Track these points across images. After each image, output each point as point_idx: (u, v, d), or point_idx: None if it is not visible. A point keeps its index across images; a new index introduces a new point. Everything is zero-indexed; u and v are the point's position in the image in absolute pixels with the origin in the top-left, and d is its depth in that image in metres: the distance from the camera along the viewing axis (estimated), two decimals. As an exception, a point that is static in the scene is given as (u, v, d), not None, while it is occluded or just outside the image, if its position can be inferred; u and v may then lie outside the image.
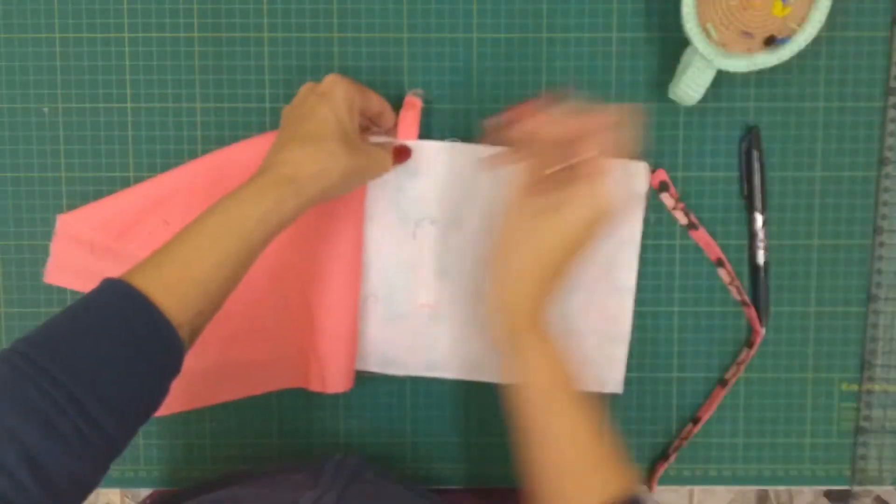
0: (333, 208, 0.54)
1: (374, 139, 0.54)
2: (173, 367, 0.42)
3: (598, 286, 0.56)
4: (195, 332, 0.43)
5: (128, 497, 1.32)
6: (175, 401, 0.56)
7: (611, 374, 0.57)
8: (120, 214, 0.55)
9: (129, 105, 0.57)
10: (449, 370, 0.57)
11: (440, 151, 0.55)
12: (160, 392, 0.42)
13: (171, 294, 0.41)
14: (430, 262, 0.56)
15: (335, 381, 0.55)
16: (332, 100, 0.48)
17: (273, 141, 0.49)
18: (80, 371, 0.38)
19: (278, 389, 0.58)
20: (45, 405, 0.36)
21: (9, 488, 0.34)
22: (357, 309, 0.55)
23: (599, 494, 0.43)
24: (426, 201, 0.55)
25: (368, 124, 0.54)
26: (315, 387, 0.55)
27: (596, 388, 0.57)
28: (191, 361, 0.44)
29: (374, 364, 0.57)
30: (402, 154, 0.54)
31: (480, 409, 0.58)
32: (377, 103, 0.52)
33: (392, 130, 0.55)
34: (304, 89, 0.50)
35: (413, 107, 0.55)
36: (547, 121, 0.45)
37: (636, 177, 0.55)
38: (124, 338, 0.39)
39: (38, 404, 0.36)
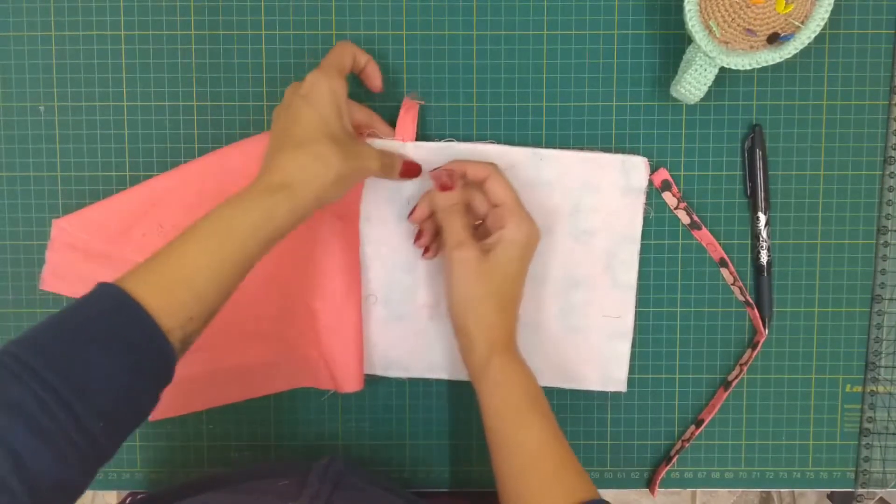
0: (329, 208, 0.53)
1: (378, 143, 0.54)
2: (164, 375, 0.42)
3: (599, 282, 0.56)
4: (188, 339, 0.43)
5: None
6: (172, 405, 0.55)
7: (614, 373, 0.56)
8: (114, 218, 0.55)
9: (125, 103, 0.56)
10: (448, 371, 0.57)
11: (438, 152, 0.54)
12: (150, 400, 0.42)
13: (162, 298, 0.41)
14: (429, 262, 0.55)
15: (347, 381, 0.54)
16: (315, 100, 0.47)
17: (266, 144, 0.49)
18: (69, 375, 0.37)
19: (282, 391, 0.57)
20: (34, 407, 0.36)
21: None
22: (360, 309, 0.54)
23: (563, 500, 0.45)
24: None
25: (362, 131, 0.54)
26: (327, 386, 0.55)
27: (599, 387, 0.56)
28: (189, 368, 0.44)
29: (378, 366, 0.56)
30: (410, 171, 0.53)
31: (479, 412, 0.58)
32: (363, 114, 0.53)
33: (389, 134, 0.54)
34: (290, 90, 0.50)
35: (411, 109, 0.54)
36: (444, 197, 0.51)
37: (634, 172, 0.55)
38: (115, 343, 0.39)
39: (27, 406, 0.36)
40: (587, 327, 0.56)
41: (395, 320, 0.56)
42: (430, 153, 0.54)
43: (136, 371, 0.40)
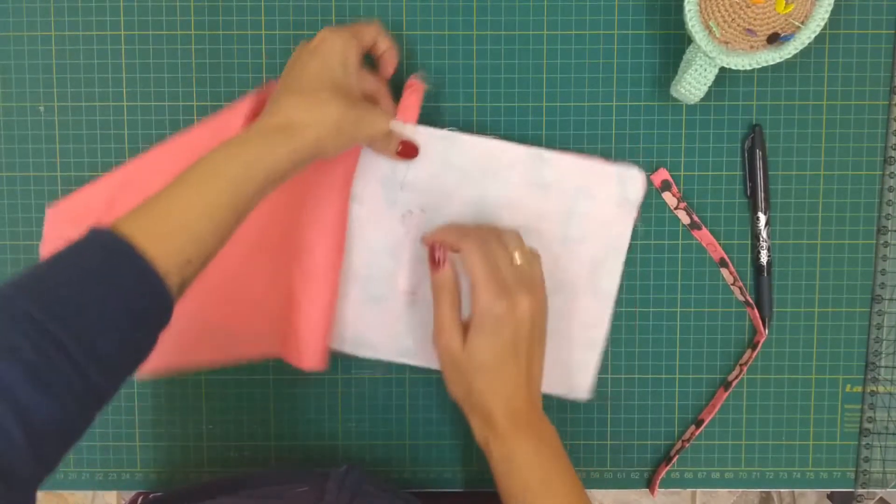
0: (321, 182, 0.53)
1: None
2: (161, 317, 0.41)
3: (580, 290, 0.55)
4: (185, 282, 0.42)
5: (124, 499, 1.32)
6: (150, 362, 0.55)
7: (580, 380, 0.56)
8: (102, 198, 0.54)
9: (125, 103, 0.56)
10: (420, 359, 0.56)
11: (438, 140, 0.54)
12: (147, 343, 0.41)
13: (157, 241, 0.40)
14: (415, 250, 0.55)
15: (309, 357, 0.53)
16: (323, 53, 0.47)
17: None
18: (67, 319, 0.36)
19: (257, 358, 0.56)
20: (32, 352, 0.35)
21: None
22: (337, 286, 0.53)
23: None
24: (417, 187, 0.55)
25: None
26: (291, 359, 0.54)
27: (562, 393, 0.56)
28: (176, 320, 0.43)
29: (348, 345, 0.56)
30: (408, 150, 0.53)
31: (480, 411, 0.58)
32: (373, 85, 0.52)
33: (392, 112, 0.53)
34: (300, 47, 0.49)
35: (416, 90, 0.53)
36: (435, 276, 0.50)
37: (631, 184, 0.54)
38: (112, 287, 0.38)
39: (25, 350, 0.35)
40: (560, 333, 0.55)
41: (373, 302, 0.55)
42: (430, 139, 0.54)
43: (133, 315, 0.39)
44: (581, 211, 0.55)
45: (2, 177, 0.57)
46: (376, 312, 0.56)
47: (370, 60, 0.54)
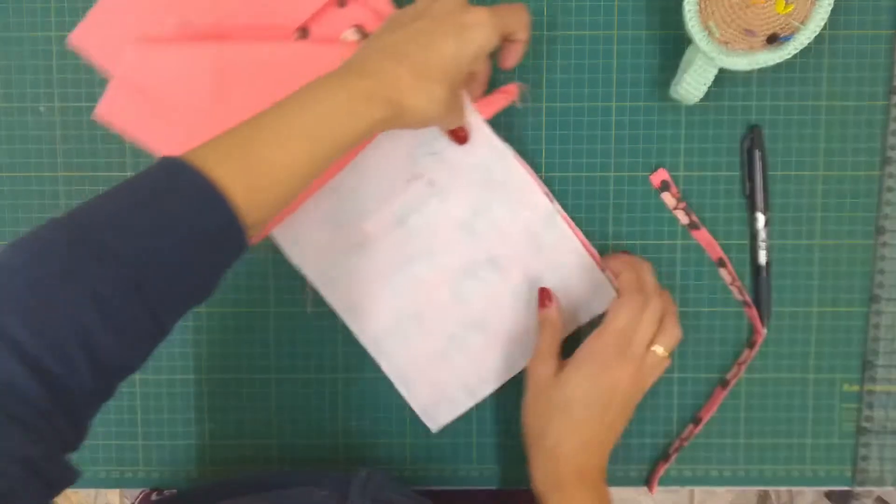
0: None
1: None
2: (230, 265, 0.41)
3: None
4: (255, 235, 0.42)
5: (126, 498, 1.33)
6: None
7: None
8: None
9: (125, 104, 0.56)
10: (330, 297, 0.56)
11: (491, 144, 0.54)
12: (213, 286, 0.41)
13: (250, 195, 0.39)
14: (400, 208, 0.55)
15: None
16: (465, 41, 0.43)
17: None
18: (147, 260, 0.36)
19: None
20: (109, 290, 0.35)
21: (65, 370, 0.34)
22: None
23: None
24: (443, 163, 0.54)
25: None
26: None
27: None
28: None
29: (286, 243, 0.55)
30: (460, 136, 0.52)
31: (480, 409, 0.58)
32: (484, 70, 0.51)
33: (477, 97, 0.53)
34: (443, 5, 0.45)
35: (507, 96, 0.54)
36: (542, 311, 0.53)
37: (598, 295, 0.55)
38: (198, 236, 0.38)
39: (101, 289, 0.35)
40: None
41: (332, 223, 0.55)
42: (484, 140, 0.53)
43: (213, 264, 0.39)
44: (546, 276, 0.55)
45: (2, 177, 0.57)
46: (327, 232, 0.55)
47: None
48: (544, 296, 0.53)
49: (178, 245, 0.37)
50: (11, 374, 0.33)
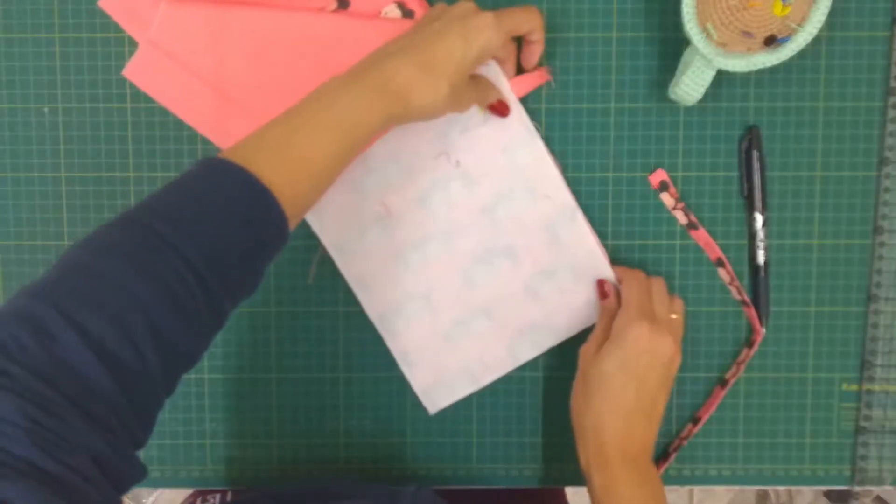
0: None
1: (493, 71, 0.53)
2: (275, 257, 0.44)
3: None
4: (294, 221, 0.44)
5: (127, 497, 1.33)
6: None
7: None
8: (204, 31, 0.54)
9: (128, 105, 0.57)
10: (339, 261, 0.56)
11: (521, 127, 0.54)
12: (261, 278, 0.43)
13: (290, 188, 0.42)
14: (424, 186, 0.55)
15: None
16: (471, 42, 0.47)
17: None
18: (208, 253, 0.38)
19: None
20: (176, 283, 0.37)
21: (132, 358, 0.36)
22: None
23: None
24: (472, 141, 0.55)
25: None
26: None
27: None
28: None
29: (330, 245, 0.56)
30: (501, 109, 0.53)
31: (480, 409, 0.58)
32: (508, 52, 0.53)
33: (510, 76, 0.54)
34: (462, 5, 0.48)
35: (540, 78, 0.55)
36: (601, 303, 0.55)
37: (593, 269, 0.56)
38: (251, 227, 0.40)
39: (170, 281, 0.37)
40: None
41: (353, 192, 0.55)
42: (515, 120, 0.54)
43: (263, 256, 0.42)
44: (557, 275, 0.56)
45: (6, 178, 0.57)
46: (350, 202, 0.55)
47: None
48: (606, 288, 0.55)
49: (233, 237, 0.40)
50: (86, 367, 0.34)
